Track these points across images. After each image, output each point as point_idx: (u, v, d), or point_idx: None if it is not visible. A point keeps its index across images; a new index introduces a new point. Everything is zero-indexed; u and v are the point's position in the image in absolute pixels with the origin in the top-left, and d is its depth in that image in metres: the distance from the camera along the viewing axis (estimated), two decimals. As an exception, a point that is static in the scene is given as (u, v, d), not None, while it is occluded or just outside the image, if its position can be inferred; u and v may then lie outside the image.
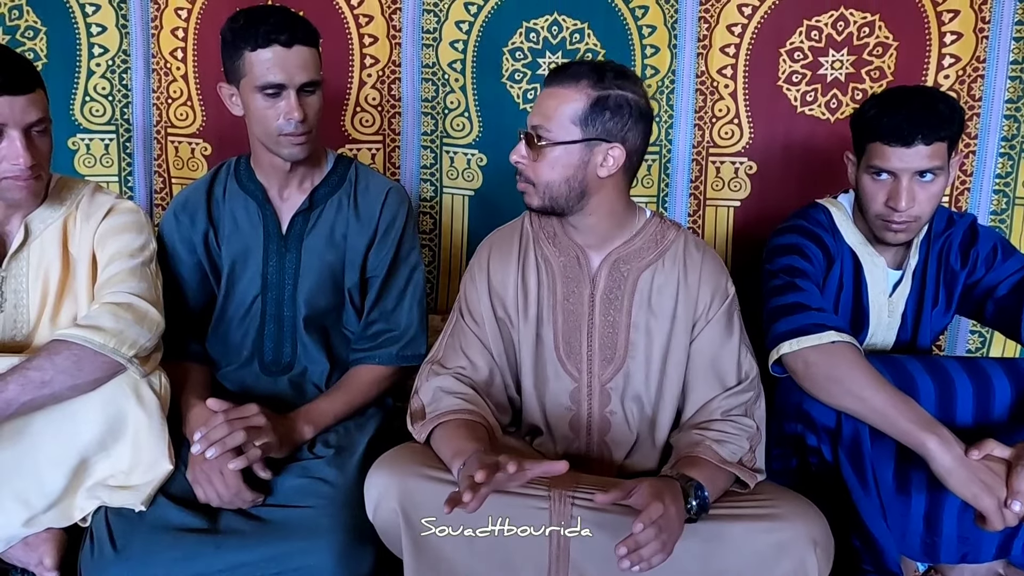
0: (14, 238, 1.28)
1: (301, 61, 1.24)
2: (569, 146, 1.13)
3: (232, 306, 1.41)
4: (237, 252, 1.40)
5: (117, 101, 1.90)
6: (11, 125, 1.15)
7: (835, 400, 1.18)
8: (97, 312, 1.19)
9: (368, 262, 1.40)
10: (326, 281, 1.39)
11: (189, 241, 1.40)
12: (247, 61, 1.25)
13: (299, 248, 1.39)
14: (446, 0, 1.85)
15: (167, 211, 1.45)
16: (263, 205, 1.40)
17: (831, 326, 1.20)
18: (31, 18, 1.84)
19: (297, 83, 1.25)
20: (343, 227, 1.40)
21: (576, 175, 1.15)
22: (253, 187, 1.41)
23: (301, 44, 1.25)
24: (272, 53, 1.23)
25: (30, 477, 1.14)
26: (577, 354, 1.23)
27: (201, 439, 1.15)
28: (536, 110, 1.17)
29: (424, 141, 1.92)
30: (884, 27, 1.74)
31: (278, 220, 1.40)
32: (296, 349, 1.41)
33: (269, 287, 1.39)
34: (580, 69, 1.13)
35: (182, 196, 1.45)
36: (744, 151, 1.84)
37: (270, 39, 1.22)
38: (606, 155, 1.15)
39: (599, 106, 1.12)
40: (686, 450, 1.16)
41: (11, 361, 1.12)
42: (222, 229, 1.41)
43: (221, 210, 1.41)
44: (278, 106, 1.25)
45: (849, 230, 1.39)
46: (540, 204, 1.18)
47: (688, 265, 1.23)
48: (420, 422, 1.16)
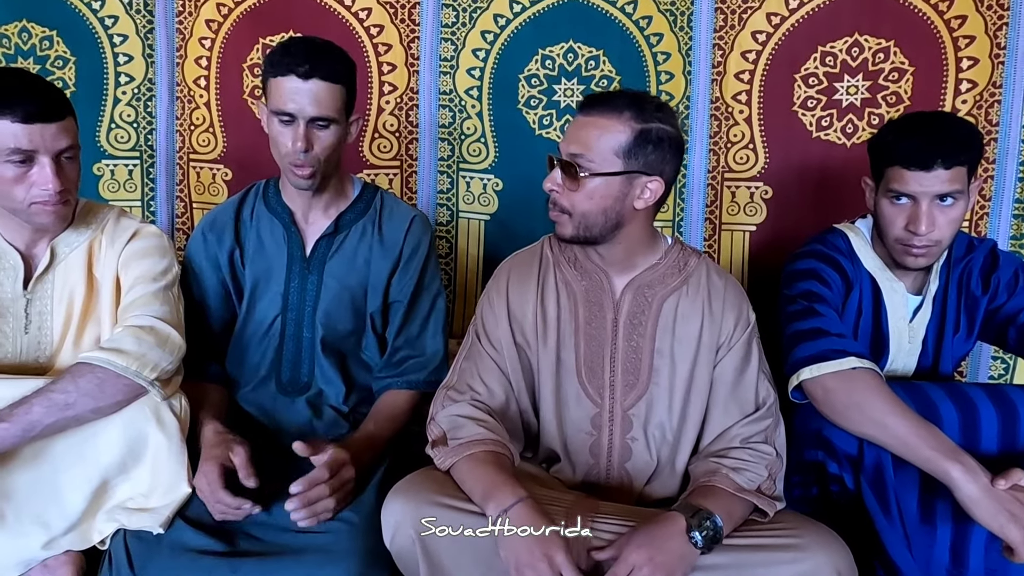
0: (40, 261, 1.30)
1: (314, 96, 1.24)
2: (610, 178, 1.13)
3: (252, 325, 1.42)
4: (260, 272, 1.41)
5: (141, 128, 1.94)
6: (42, 152, 1.18)
7: (856, 427, 1.17)
8: (120, 335, 1.20)
9: (391, 287, 1.41)
10: (346, 305, 1.40)
11: (215, 259, 1.42)
12: (269, 85, 1.28)
13: (321, 271, 1.40)
14: (463, 28, 1.89)
15: (196, 229, 1.47)
16: (289, 227, 1.41)
17: (851, 352, 1.19)
18: (61, 48, 1.90)
19: (307, 115, 1.25)
20: (366, 252, 1.40)
21: (614, 206, 1.15)
22: (280, 209, 1.43)
23: (321, 79, 1.24)
24: (288, 82, 1.24)
25: (50, 499, 1.15)
26: (599, 379, 1.22)
27: (299, 496, 1.10)
28: (573, 138, 1.15)
29: (441, 166, 1.95)
30: (899, 52, 1.75)
31: (303, 242, 1.41)
32: (313, 370, 1.41)
33: (289, 308, 1.40)
34: (622, 100, 1.13)
35: (211, 215, 1.48)
36: (759, 176, 1.85)
37: (289, 69, 1.24)
38: (644, 187, 1.15)
39: (642, 139, 1.12)
40: (703, 479, 1.15)
41: (36, 383, 1.13)
42: (247, 248, 1.42)
43: (248, 230, 1.43)
44: (288, 133, 1.27)
45: (868, 255, 1.38)
46: (573, 234, 1.18)
47: (712, 292, 1.23)
48: (441, 448, 1.15)
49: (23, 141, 1.16)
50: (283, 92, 1.25)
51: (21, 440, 1.09)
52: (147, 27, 1.91)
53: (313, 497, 1.12)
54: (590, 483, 1.23)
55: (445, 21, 1.89)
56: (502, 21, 1.88)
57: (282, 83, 1.25)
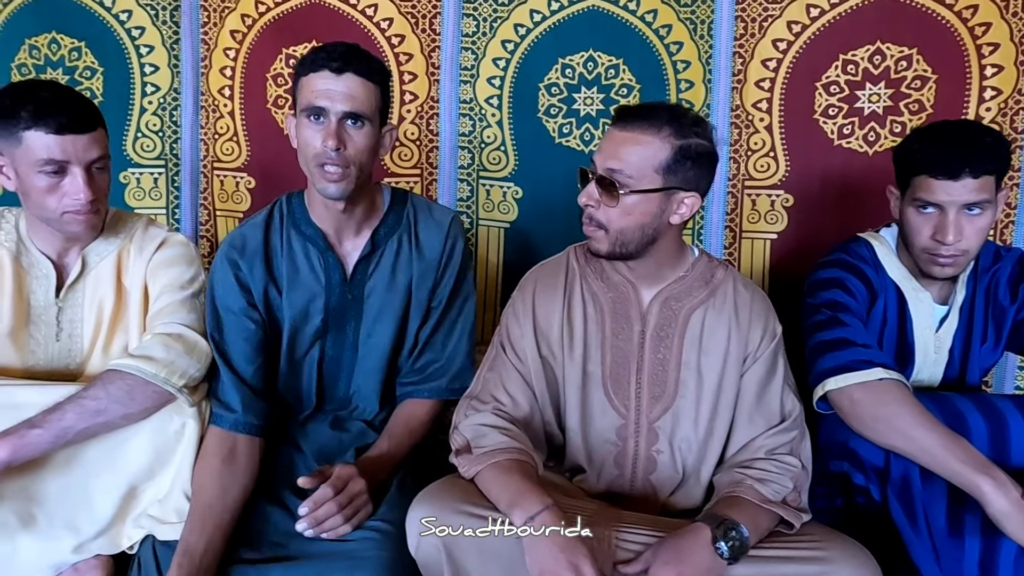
0: (72, 269, 1.32)
1: (348, 90, 1.17)
2: (649, 194, 1.12)
3: (292, 353, 1.36)
4: (299, 302, 1.33)
5: (167, 137, 1.97)
6: (74, 162, 1.20)
7: (883, 439, 1.16)
8: (149, 343, 1.22)
9: (434, 296, 1.37)
10: (387, 324, 1.35)
11: (247, 287, 1.31)
12: (300, 85, 1.21)
13: (362, 294, 1.34)
14: (484, 38, 1.90)
15: (219, 258, 1.34)
16: (325, 252, 1.32)
17: (878, 363, 1.18)
18: (89, 59, 1.94)
19: (339, 111, 1.17)
20: (406, 268, 1.35)
21: (651, 222, 1.14)
22: (312, 232, 1.33)
23: (355, 74, 1.18)
24: (320, 78, 1.18)
25: (81, 504, 1.17)
26: (625, 391, 1.22)
27: (308, 517, 1.12)
28: (610, 152, 1.13)
29: (461, 174, 1.96)
30: (922, 60, 1.74)
31: (343, 267, 1.33)
32: (350, 389, 1.39)
33: (330, 332, 1.35)
34: (661, 116, 1.12)
35: (238, 239, 1.34)
36: (780, 184, 1.84)
37: (322, 64, 1.18)
38: (681, 202, 1.14)
39: (681, 155, 1.11)
40: (727, 489, 1.14)
41: (68, 390, 1.15)
42: (282, 280, 1.33)
43: (280, 259, 1.33)
44: (318, 131, 1.19)
45: (892, 264, 1.37)
46: (609, 250, 1.17)
47: (739, 304, 1.22)
48: (465, 457, 1.16)
49: (56, 152, 1.18)
50: (315, 87, 1.18)
51: (54, 446, 1.11)
52: (173, 38, 1.94)
53: (321, 516, 1.13)
54: (614, 493, 1.23)
55: (466, 31, 1.91)
56: (522, 31, 1.89)
57: (313, 79, 1.18)
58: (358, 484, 1.18)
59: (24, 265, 1.31)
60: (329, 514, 1.14)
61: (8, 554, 1.15)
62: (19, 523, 1.15)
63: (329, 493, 1.14)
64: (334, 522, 1.14)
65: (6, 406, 1.13)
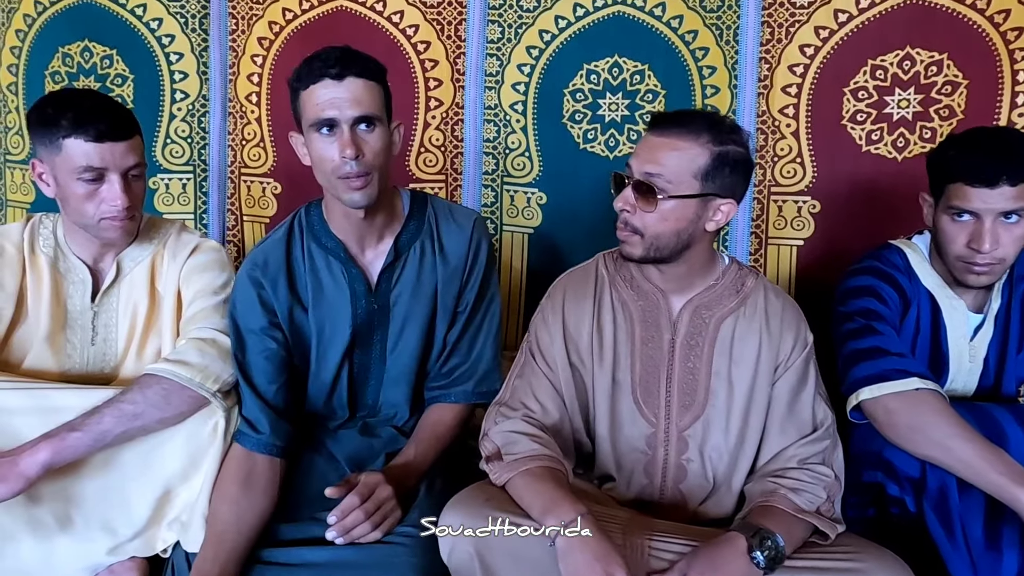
0: (107, 275, 1.34)
1: (353, 95, 1.14)
2: (686, 200, 1.12)
3: (320, 367, 1.35)
4: (325, 317, 1.32)
5: (195, 143, 2.00)
6: (111, 169, 1.22)
7: (919, 449, 1.15)
8: (184, 347, 1.23)
9: (460, 299, 1.36)
10: (414, 332, 1.35)
11: (270, 306, 1.30)
12: (302, 101, 1.18)
13: (387, 304, 1.33)
14: (509, 44, 1.91)
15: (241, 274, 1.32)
16: (347, 264, 1.31)
17: (913, 372, 1.17)
18: (120, 66, 1.97)
19: (349, 117, 1.15)
20: (430, 273, 1.34)
21: (687, 228, 1.14)
22: (332, 244, 1.31)
23: (356, 77, 1.15)
24: (322, 88, 1.14)
25: (118, 506, 1.18)
26: (655, 399, 1.22)
27: (337, 525, 1.13)
28: (648, 157, 1.13)
29: (485, 180, 1.96)
30: (953, 66, 1.72)
31: (366, 278, 1.32)
32: (379, 397, 1.39)
33: (357, 344, 1.35)
34: (699, 122, 1.12)
35: (260, 257, 1.32)
36: (807, 190, 1.83)
37: (320, 74, 1.14)
38: (717, 209, 1.14)
39: (720, 162, 1.11)
40: (760, 499, 1.14)
41: (106, 394, 1.17)
42: (305, 296, 1.31)
43: (302, 275, 1.31)
44: (332, 144, 1.16)
45: (926, 272, 1.36)
46: (643, 254, 1.17)
47: (770, 313, 1.22)
48: (496, 463, 1.16)
49: (95, 159, 1.20)
50: (319, 99, 1.14)
51: (92, 449, 1.12)
52: (202, 45, 1.97)
53: (349, 524, 1.14)
54: (643, 501, 1.22)
55: (491, 37, 1.92)
56: (547, 37, 1.90)
57: (315, 91, 1.15)
58: (385, 491, 1.18)
59: (61, 270, 1.33)
60: (357, 522, 1.14)
61: (46, 555, 1.17)
62: (57, 524, 1.16)
63: (356, 501, 1.15)
64: (362, 529, 1.14)
65: (46, 409, 1.15)
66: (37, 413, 1.14)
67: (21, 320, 1.31)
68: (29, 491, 1.09)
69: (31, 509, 1.15)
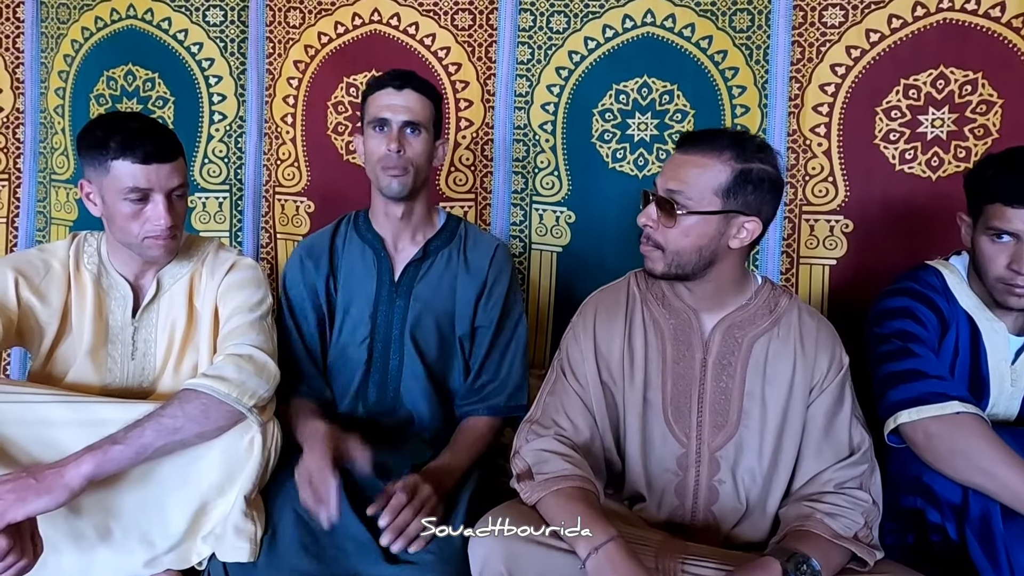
0: (147, 291, 1.38)
1: (406, 103, 1.38)
2: (707, 216, 1.13)
3: (341, 349, 1.47)
4: (351, 295, 1.48)
5: (232, 163, 2.05)
6: (156, 190, 1.26)
7: (961, 475, 1.12)
8: (222, 363, 1.26)
9: (477, 313, 1.47)
10: (432, 330, 1.45)
11: (312, 286, 1.49)
12: (367, 104, 1.42)
13: (408, 296, 1.46)
14: (538, 65, 1.93)
15: (293, 256, 1.55)
16: (379, 252, 1.49)
17: (954, 395, 1.15)
18: (162, 89, 2.03)
19: (400, 120, 1.38)
20: (452, 279, 1.47)
21: (709, 245, 1.15)
22: (371, 236, 1.51)
23: (414, 90, 1.39)
24: (384, 94, 1.40)
25: (155, 519, 1.20)
26: (686, 419, 1.21)
27: (390, 528, 1.15)
28: (671, 174, 1.15)
29: (514, 199, 1.98)
30: (988, 85, 1.71)
31: (392, 268, 1.48)
32: (400, 394, 1.46)
33: (377, 331, 1.46)
34: (722, 140, 1.13)
35: (308, 242, 1.56)
36: (840, 209, 1.81)
37: (385, 83, 1.40)
38: (741, 227, 1.15)
39: (742, 179, 1.12)
40: (795, 523, 1.12)
41: (147, 407, 1.19)
42: (340, 274, 1.50)
43: (340, 256, 1.51)
44: (382, 138, 1.39)
45: (964, 293, 1.33)
46: (665, 270, 1.18)
47: (804, 333, 1.21)
48: (527, 483, 1.16)
49: (141, 181, 1.24)
50: (379, 103, 1.40)
51: (134, 462, 1.14)
52: (240, 68, 2.02)
53: (401, 523, 1.16)
54: (675, 523, 1.21)
55: (520, 58, 1.94)
56: (576, 58, 1.92)
57: (378, 96, 1.40)
58: (426, 489, 1.22)
59: (104, 287, 1.37)
60: (407, 520, 1.16)
61: (85, 566, 1.19)
62: (97, 535, 1.19)
63: (403, 499, 1.18)
64: (416, 527, 1.16)
65: (89, 422, 1.17)
66: (80, 425, 1.17)
67: (65, 335, 1.35)
68: (71, 502, 1.11)
69: (72, 520, 1.18)
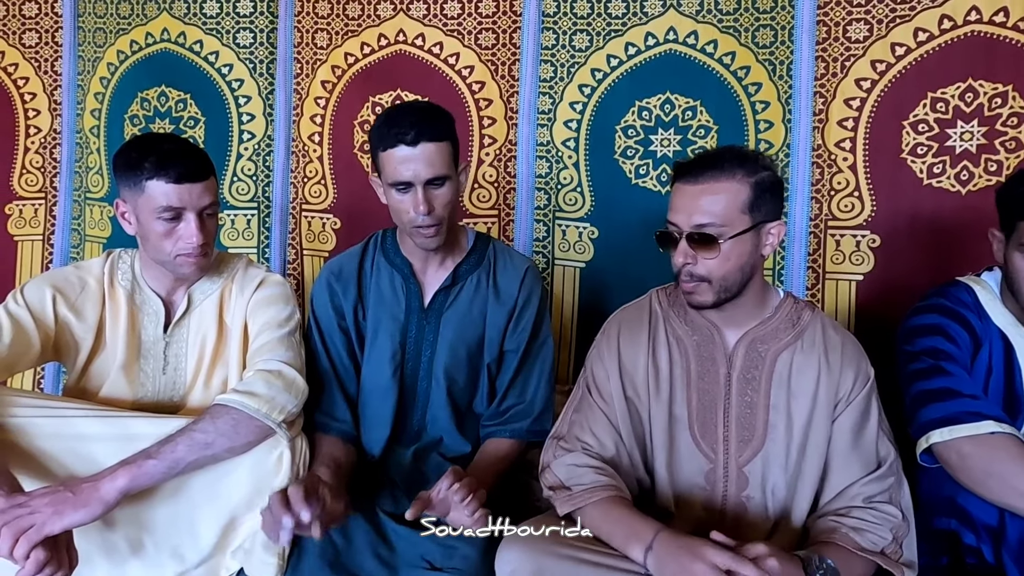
0: (179, 307, 1.41)
1: (426, 158, 1.28)
2: (743, 235, 1.15)
3: (370, 375, 1.45)
4: (379, 322, 1.44)
5: (260, 180, 2.09)
6: (189, 208, 1.29)
7: (997, 497, 1.10)
8: (251, 379, 1.28)
9: (506, 338, 1.44)
10: (462, 356, 1.43)
11: (340, 310, 1.46)
12: (381, 160, 1.32)
13: (438, 322, 1.43)
14: (561, 83, 1.95)
15: (320, 279, 1.49)
16: (408, 279, 1.45)
17: (988, 415, 1.13)
18: (193, 110, 2.08)
19: (423, 179, 1.29)
20: (482, 304, 1.44)
21: (749, 260, 1.17)
22: (400, 262, 1.46)
23: (427, 141, 1.28)
24: (398, 153, 1.28)
25: (186, 533, 1.22)
26: (712, 434, 1.21)
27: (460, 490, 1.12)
28: (692, 208, 1.14)
29: (537, 215, 1.99)
30: (1018, 97, 1.68)
31: (422, 294, 1.45)
32: (426, 420, 1.45)
33: (407, 358, 1.44)
34: (728, 161, 1.14)
35: (336, 265, 1.49)
36: (866, 224, 1.79)
37: (396, 139, 1.28)
38: (768, 233, 1.18)
39: (760, 190, 1.14)
40: (822, 536, 1.12)
41: (179, 422, 1.21)
42: (368, 299, 1.46)
43: (369, 281, 1.47)
44: (408, 200, 1.31)
45: (997, 310, 1.31)
46: (715, 299, 1.17)
47: (828, 347, 1.20)
48: (562, 493, 1.17)
49: (174, 200, 1.27)
50: (396, 163, 1.29)
51: (167, 476, 1.16)
52: (268, 88, 2.07)
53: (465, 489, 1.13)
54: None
55: (543, 76, 1.96)
56: (599, 75, 1.93)
57: (393, 155, 1.29)
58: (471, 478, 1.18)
59: (137, 302, 1.40)
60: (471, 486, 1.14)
61: (117, 578, 1.21)
62: (129, 549, 1.21)
63: (451, 479, 1.15)
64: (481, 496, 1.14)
65: (123, 437, 1.20)
66: (115, 440, 1.19)
67: (100, 350, 1.39)
68: (105, 516, 1.13)
69: (106, 534, 1.20)
